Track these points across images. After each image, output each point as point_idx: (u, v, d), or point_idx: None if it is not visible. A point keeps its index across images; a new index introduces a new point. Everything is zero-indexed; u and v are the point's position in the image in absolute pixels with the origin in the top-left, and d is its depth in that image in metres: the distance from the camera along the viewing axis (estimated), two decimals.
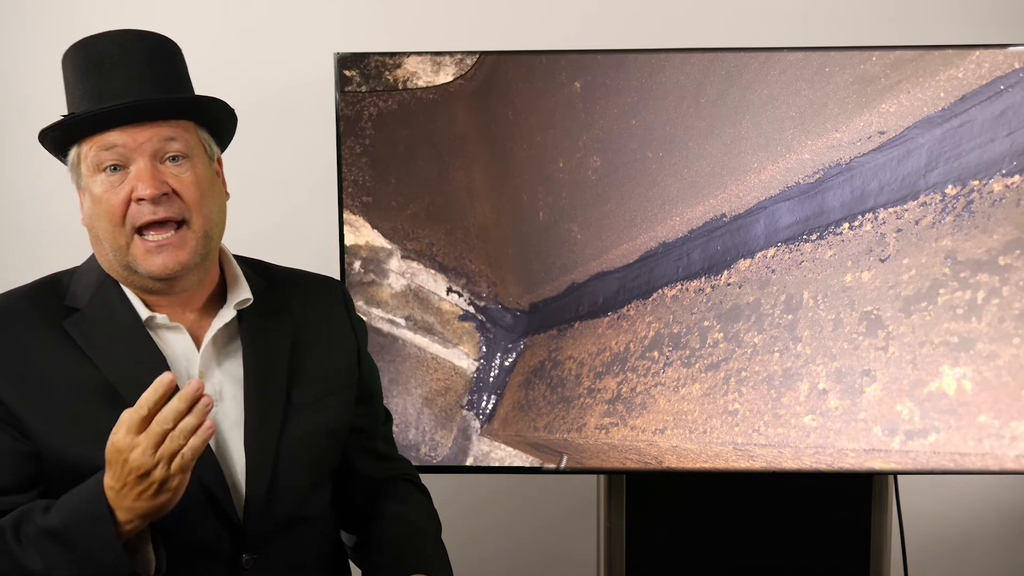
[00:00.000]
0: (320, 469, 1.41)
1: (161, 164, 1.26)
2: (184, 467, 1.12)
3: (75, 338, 1.27)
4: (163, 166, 1.27)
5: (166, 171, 1.26)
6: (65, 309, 1.30)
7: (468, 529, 2.31)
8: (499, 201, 1.83)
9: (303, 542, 1.38)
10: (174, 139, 1.27)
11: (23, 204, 2.23)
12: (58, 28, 2.18)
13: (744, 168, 1.79)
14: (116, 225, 1.25)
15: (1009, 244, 1.76)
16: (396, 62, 1.79)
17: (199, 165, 1.29)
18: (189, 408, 1.11)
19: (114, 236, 1.26)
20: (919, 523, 2.27)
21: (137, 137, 1.25)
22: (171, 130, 1.27)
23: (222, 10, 2.20)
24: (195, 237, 1.28)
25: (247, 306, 1.35)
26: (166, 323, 1.30)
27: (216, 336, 1.32)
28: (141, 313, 1.30)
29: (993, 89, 1.74)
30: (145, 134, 1.25)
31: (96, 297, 1.30)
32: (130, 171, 1.25)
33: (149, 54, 1.29)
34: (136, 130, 1.25)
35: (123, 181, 1.25)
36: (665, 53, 1.78)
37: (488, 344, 1.86)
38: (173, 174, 1.27)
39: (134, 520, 1.15)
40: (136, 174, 1.25)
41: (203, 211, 1.28)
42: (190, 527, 1.27)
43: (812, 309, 1.80)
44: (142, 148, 1.25)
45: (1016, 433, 1.80)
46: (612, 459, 1.86)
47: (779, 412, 1.82)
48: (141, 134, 1.25)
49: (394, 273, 1.85)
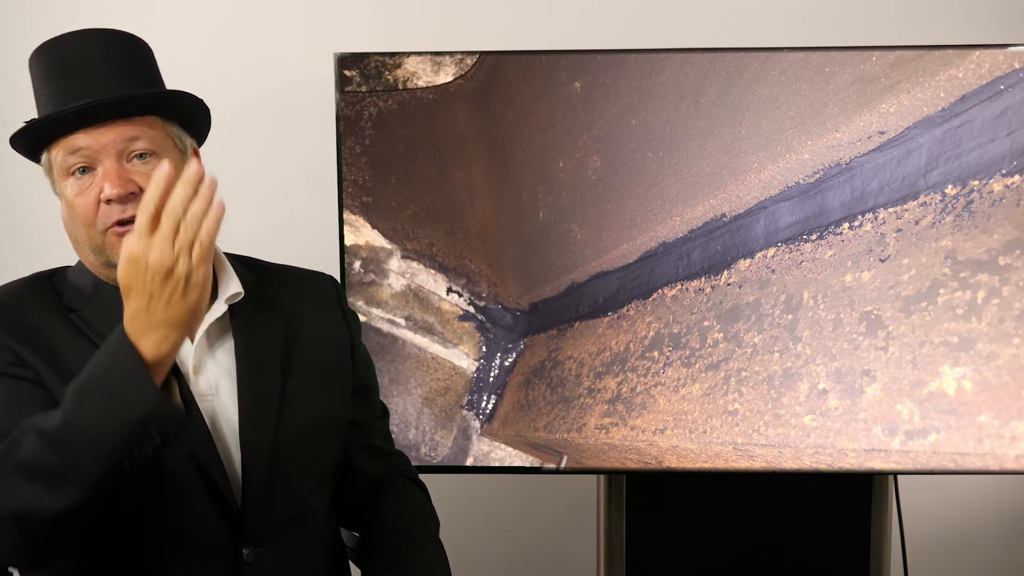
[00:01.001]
0: (320, 463, 1.41)
1: (128, 163, 1.26)
2: (204, 255, 1.09)
3: (83, 331, 1.27)
4: (130, 165, 1.26)
5: (133, 170, 1.26)
6: (64, 308, 1.30)
7: (468, 529, 2.31)
8: (499, 201, 1.83)
9: (305, 538, 1.38)
10: (138, 137, 1.26)
11: (23, 204, 2.23)
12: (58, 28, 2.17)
13: (744, 168, 1.79)
14: (89, 227, 1.26)
15: (1009, 244, 1.76)
16: (396, 62, 1.79)
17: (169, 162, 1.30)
18: (195, 193, 1.08)
19: (90, 237, 1.27)
20: (919, 523, 2.26)
21: (101, 138, 1.25)
22: (135, 128, 1.26)
23: (222, 10, 2.20)
24: None
25: (238, 300, 1.35)
26: None
27: (209, 331, 1.32)
28: None
29: (993, 89, 1.74)
30: (109, 134, 1.25)
31: (95, 297, 1.30)
32: (98, 172, 1.25)
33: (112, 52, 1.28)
34: (100, 131, 1.24)
35: (92, 183, 1.25)
36: (665, 53, 1.78)
37: (488, 344, 1.86)
38: (141, 172, 1.26)
39: (169, 335, 1.11)
40: (103, 175, 1.25)
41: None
42: (190, 521, 1.27)
43: (812, 309, 1.80)
44: (107, 149, 1.25)
45: (1016, 433, 1.80)
46: (612, 459, 1.86)
47: (779, 412, 1.82)
48: (105, 135, 1.25)
49: (394, 273, 1.85)
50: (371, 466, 1.51)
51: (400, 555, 1.40)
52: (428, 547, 1.44)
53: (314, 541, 1.41)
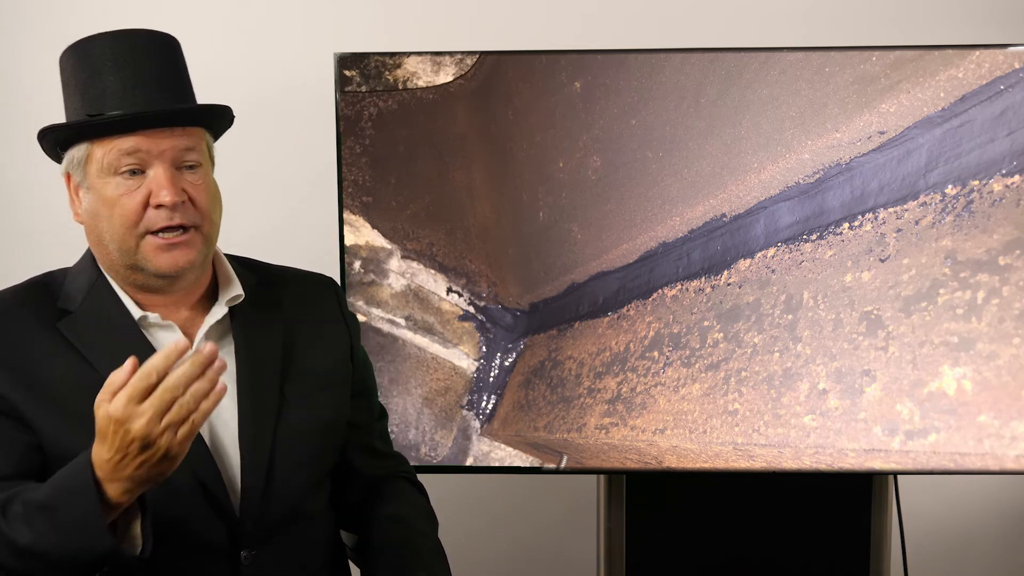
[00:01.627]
0: (317, 465, 1.41)
1: (178, 171, 1.28)
2: (190, 434, 1.09)
3: (70, 339, 1.28)
4: (180, 173, 1.28)
5: (183, 179, 1.28)
6: (58, 311, 1.30)
7: (468, 529, 2.31)
8: (499, 201, 1.83)
9: (303, 539, 1.38)
10: (192, 148, 1.28)
11: (23, 204, 2.23)
12: (58, 28, 2.17)
13: (744, 168, 1.79)
14: (129, 228, 1.26)
15: (1009, 244, 1.76)
16: (396, 62, 1.79)
17: (208, 172, 1.32)
18: (201, 373, 1.08)
19: (124, 238, 1.27)
20: (919, 523, 2.26)
21: (160, 144, 1.26)
22: (189, 139, 1.28)
23: (222, 10, 2.20)
24: (202, 240, 1.30)
25: (239, 302, 1.36)
26: (159, 322, 1.31)
27: (209, 333, 1.33)
28: (134, 313, 1.30)
29: (993, 89, 1.74)
30: (168, 141, 1.26)
31: (88, 299, 1.31)
32: (147, 175, 1.26)
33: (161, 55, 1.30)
34: (160, 136, 1.26)
35: (140, 185, 1.26)
36: (665, 53, 1.78)
37: (488, 344, 1.86)
38: (190, 182, 1.28)
39: (132, 489, 1.12)
40: (155, 180, 1.25)
41: (212, 217, 1.31)
42: (188, 523, 1.27)
43: (812, 309, 1.80)
44: (163, 155, 1.26)
45: (1016, 433, 1.80)
46: (612, 459, 1.86)
47: (779, 412, 1.82)
48: (164, 141, 1.26)
49: (394, 273, 1.85)
50: (369, 467, 1.51)
51: (399, 555, 1.40)
52: (427, 547, 1.44)
53: (312, 542, 1.41)
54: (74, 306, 1.30)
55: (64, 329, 1.28)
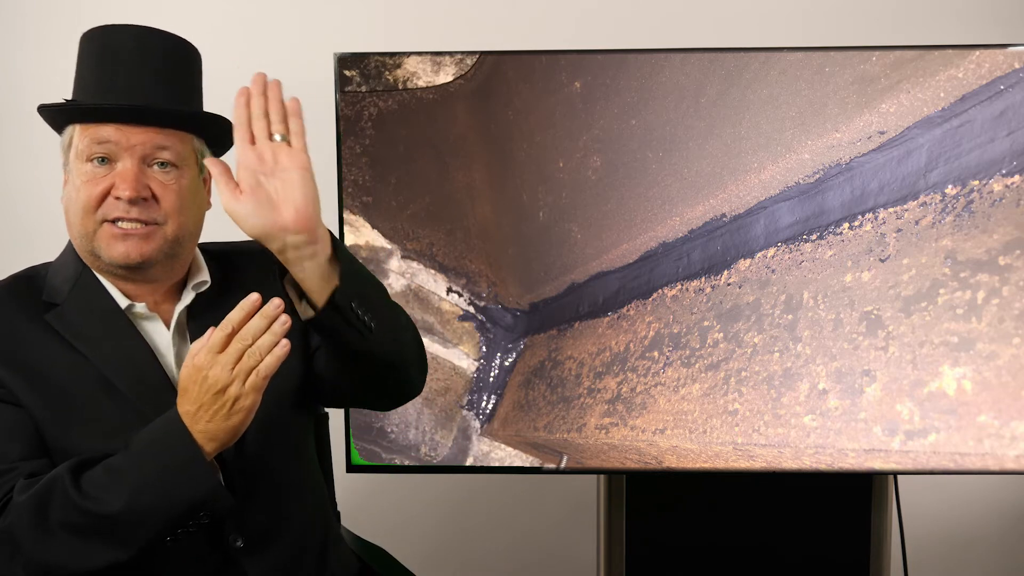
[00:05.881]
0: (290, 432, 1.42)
1: (148, 167, 1.29)
2: (256, 386, 1.15)
3: (59, 330, 1.29)
4: (149, 169, 1.29)
5: (151, 175, 1.29)
6: (44, 305, 1.31)
7: (468, 529, 2.31)
8: (499, 201, 1.83)
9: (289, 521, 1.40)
10: (166, 147, 1.29)
11: (23, 204, 2.23)
12: (58, 28, 2.18)
13: (744, 168, 1.79)
14: (88, 213, 1.28)
15: (1009, 244, 1.76)
16: (396, 62, 1.79)
17: (186, 176, 1.32)
18: (267, 327, 1.15)
19: (83, 223, 1.29)
20: (919, 523, 2.27)
21: (131, 137, 1.27)
22: (165, 138, 1.29)
23: (222, 10, 2.20)
24: (163, 238, 1.30)
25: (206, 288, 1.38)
26: (144, 312, 1.33)
27: (180, 321, 1.35)
28: (120, 302, 1.32)
29: (993, 89, 1.74)
30: (139, 136, 1.27)
31: (75, 290, 1.32)
32: (116, 167, 1.27)
33: (165, 56, 1.31)
34: (132, 130, 1.27)
35: (106, 175, 1.27)
36: (665, 53, 1.78)
37: (488, 344, 1.86)
38: (158, 179, 1.29)
39: (206, 445, 1.18)
40: (120, 172, 1.27)
41: (179, 219, 1.31)
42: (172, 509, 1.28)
43: (812, 309, 1.80)
44: (133, 149, 1.27)
45: (1016, 433, 1.80)
46: (612, 459, 1.86)
47: (779, 412, 1.82)
48: (135, 135, 1.27)
49: (394, 273, 1.85)
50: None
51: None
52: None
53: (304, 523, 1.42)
54: (60, 299, 1.31)
55: (52, 321, 1.30)
